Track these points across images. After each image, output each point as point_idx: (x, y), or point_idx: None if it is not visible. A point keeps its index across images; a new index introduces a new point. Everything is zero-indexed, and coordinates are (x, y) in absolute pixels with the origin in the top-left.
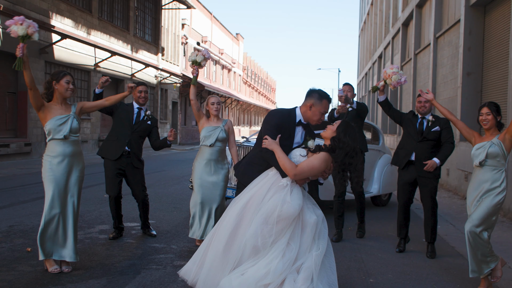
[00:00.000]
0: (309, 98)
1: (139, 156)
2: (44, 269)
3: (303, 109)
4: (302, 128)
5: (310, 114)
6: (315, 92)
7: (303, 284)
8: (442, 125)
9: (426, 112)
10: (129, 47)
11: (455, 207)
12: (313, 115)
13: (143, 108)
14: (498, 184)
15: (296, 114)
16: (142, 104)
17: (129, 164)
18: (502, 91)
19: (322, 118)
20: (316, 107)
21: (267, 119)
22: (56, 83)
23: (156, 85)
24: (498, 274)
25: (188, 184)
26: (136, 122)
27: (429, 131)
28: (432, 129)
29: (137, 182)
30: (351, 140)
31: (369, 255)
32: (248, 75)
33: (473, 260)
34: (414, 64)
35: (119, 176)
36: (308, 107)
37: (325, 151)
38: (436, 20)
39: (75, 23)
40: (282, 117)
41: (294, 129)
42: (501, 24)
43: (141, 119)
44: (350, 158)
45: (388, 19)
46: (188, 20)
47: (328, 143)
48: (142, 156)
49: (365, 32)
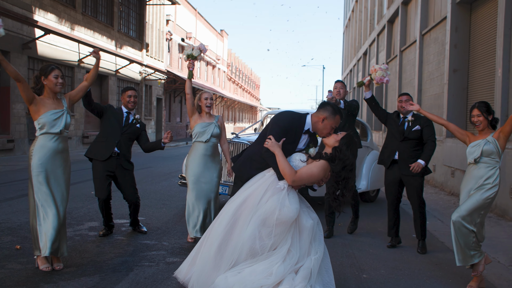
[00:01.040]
0: (322, 110)
1: (129, 158)
2: (35, 267)
3: (315, 120)
4: (308, 136)
5: (321, 126)
6: (329, 106)
7: (301, 282)
8: (422, 124)
9: (407, 112)
10: (113, 43)
11: (442, 203)
12: (323, 128)
13: (132, 113)
14: (491, 180)
15: (306, 122)
16: (131, 109)
17: (118, 165)
18: (489, 87)
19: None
20: (329, 121)
21: (277, 119)
22: (45, 78)
23: (140, 81)
24: (480, 268)
25: (177, 180)
26: (125, 124)
27: (410, 131)
28: (413, 129)
29: (128, 185)
30: (352, 155)
31: (361, 250)
32: (232, 72)
33: (458, 249)
34: (400, 61)
35: (108, 178)
36: (320, 119)
37: (325, 160)
38: (422, 17)
39: (59, 18)
40: (292, 121)
41: (300, 135)
42: (487, 21)
43: (130, 122)
44: (347, 172)
45: (373, 16)
46: (172, 16)
47: (329, 151)
48: (131, 158)
49: (350, 29)
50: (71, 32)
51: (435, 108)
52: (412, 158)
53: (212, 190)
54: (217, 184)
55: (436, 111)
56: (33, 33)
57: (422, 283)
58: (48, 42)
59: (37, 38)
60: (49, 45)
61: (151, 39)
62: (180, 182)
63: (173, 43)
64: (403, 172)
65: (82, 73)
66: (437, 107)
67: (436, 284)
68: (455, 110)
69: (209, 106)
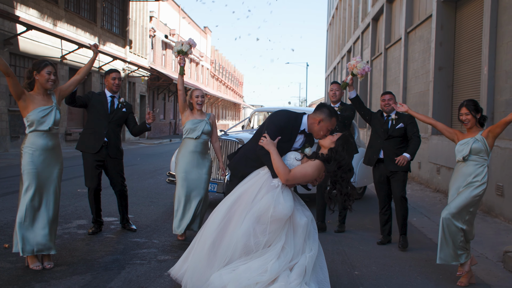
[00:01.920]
0: (319, 112)
1: (119, 146)
2: (25, 266)
3: (311, 121)
4: (304, 136)
5: (317, 128)
6: (325, 107)
7: (296, 278)
8: (406, 121)
9: (391, 110)
10: (96, 39)
11: (428, 200)
12: (319, 130)
13: (116, 96)
14: (479, 178)
15: (302, 122)
16: (115, 92)
17: (108, 154)
18: (474, 85)
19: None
20: (325, 123)
21: (273, 118)
22: (37, 73)
23: (124, 78)
24: (466, 268)
25: (164, 178)
26: (111, 111)
27: (394, 129)
28: (397, 127)
29: (116, 172)
30: (348, 155)
31: (351, 247)
32: (215, 69)
33: (443, 247)
34: (385, 59)
35: (98, 168)
36: (316, 121)
37: (321, 160)
38: (407, 15)
39: (41, 14)
40: (288, 120)
41: (296, 134)
42: (473, 19)
43: (115, 107)
44: (343, 172)
45: (358, 14)
46: (156, 13)
47: (325, 152)
48: (121, 145)
49: (334, 26)
50: (53, 28)
51: (420, 105)
52: (397, 155)
53: (201, 187)
54: (206, 181)
55: (421, 109)
56: (15, 28)
57: (414, 280)
58: (30, 38)
59: (19, 34)
60: (31, 41)
61: (135, 35)
62: (168, 180)
63: (156, 40)
64: (390, 169)
65: (65, 70)
66: (422, 105)
67: (427, 280)
68: (440, 107)
69: (200, 104)
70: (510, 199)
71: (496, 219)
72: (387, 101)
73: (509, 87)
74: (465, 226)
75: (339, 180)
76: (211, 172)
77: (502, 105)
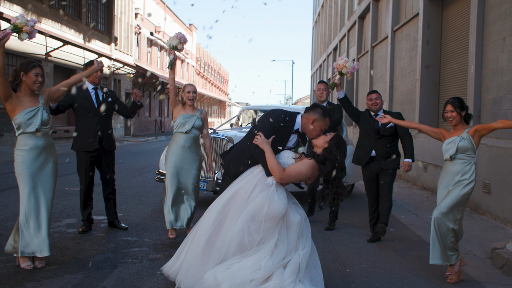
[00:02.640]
0: (312, 112)
1: (112, 138)
2: (15, 265)
3: (304, 121)
4: (297, 135)
5: (310, 128)
6: (319, 108)
7: (290, 276)
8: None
9: (378, 109)
10: (81, 36)
11: (415, 197)
12: (313, 130)
13: (99, 87)
14: (467, 176)
15: (296, 121)
16: (97, 84)
17: (102, 148)
18: (460, 83)
19: (320, 134)
20: (318, 123)
21: (268, 117)
22: (24, 74)
23: (109, 75)
24: (455, 269)
25: (152, 176)
26: (98, 104)
27: (384, 128)
28: (387, 126)
29: (107, 166)
30: (342, 155)
31: (341, 245)
32: (201, 66)
33: (435, 247)
34: (371, 57)
35: (92, 164)
36: (310, 121)
37: (317, 161)
38: (394, 13)
39: (25, 11)
40: (282, 120)
41: (290, 134)
42: (459, 18)
43: (101, 99)
44: (338, 172)
45: (344, 12)
46: (141, 10)
47: (318, 151)
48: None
49: (319, 24)
50: (38, 24)
51: (407, 103)
52: (389, 153)
53: (191, 183)
54: (196, 177)
55: (408, 107)
56: None
57: (404, 277)
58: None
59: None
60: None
61: (120, 32)
62: (157, 178)
63: (141, 37)
64: (382, 167)
65: (50, 67)
66: (409, 103)
67: (418, 277)
68: (427, 105)
69: (191, 99)
70: (497, 196)
71: (483, 216)
72: (374, 100)
73: (496, 86)
74: (456, 226)
75: (331, 179)
76: (201, 169)
77: (489, 103)
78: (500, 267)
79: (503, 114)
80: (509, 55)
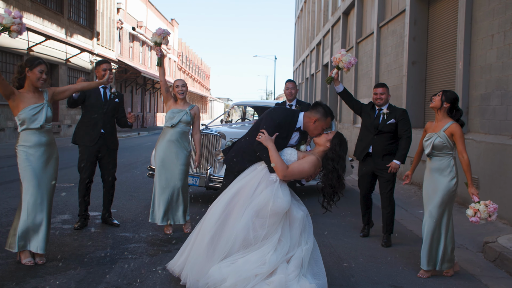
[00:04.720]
0: (314, 111)
1: (114, 135)
2: (16, 261)
3: (306, 120)
4: (299, 133)
5: (312, 127)
6: (321, 107)
7: (294, 270)
8: (398, 117)
9: (383, 104)
10: (63, 31)
11: (403, 192)
12: (314, 129)
13: (108, 87)
14: (447, 172)
15: (298, 120)
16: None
17: (104, 145)
18: (447, 80)
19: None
20: (320, 123)
21: (271, 114)
22: (29, 70)
23: (91, 70)
24: (449, 273)
25: (141, 171)
26: (105, 102)
27: (384, 124)
28: (388, 122)
29: (110, 164)
30: (344, 153)
31: (336, 240)
32: (183, 62)
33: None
34: (356, 53)
35: (95, 160)
36: (312, 120)
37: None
38: (379, 9)
39: (6, 4)
40: (286, 117)
41: (292, 131)
42: (446, 14)
43: (109, 98)
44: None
45: (327, 8)
46: (123, 4)
47: (320, 148)
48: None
49: (302, 19)
50: None
51: (394, 99)
52: (386, 152)
53: (178, 178)
54: (183, 172)
55: (394, 103)
56: None
57: (401, 271)
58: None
59: None
60: None
61: (102, 27)
62: (149, 174)
63: (124, 32)
64: (377, 166)
65: None
66: (395, 99)
67: (414, 271)
68: (414, 101)
69: (181, 93)
70: (485, 191)
71: None
72: (379, 94)
73: (484, 82)
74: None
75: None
76: (190, 163)
77: (477, 100)
78: (493, 260)
79: (491, 110)
80: (497, 51)
